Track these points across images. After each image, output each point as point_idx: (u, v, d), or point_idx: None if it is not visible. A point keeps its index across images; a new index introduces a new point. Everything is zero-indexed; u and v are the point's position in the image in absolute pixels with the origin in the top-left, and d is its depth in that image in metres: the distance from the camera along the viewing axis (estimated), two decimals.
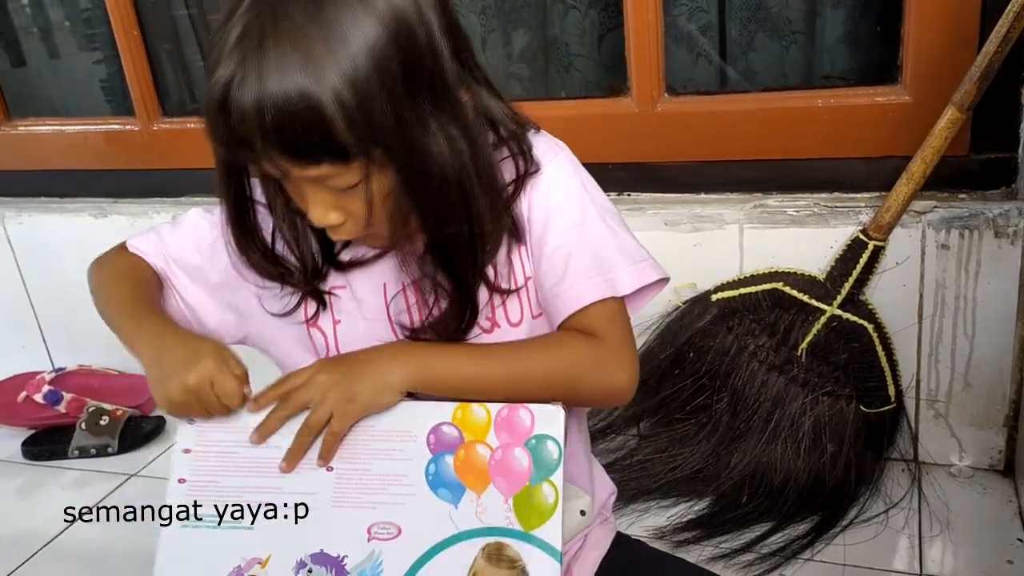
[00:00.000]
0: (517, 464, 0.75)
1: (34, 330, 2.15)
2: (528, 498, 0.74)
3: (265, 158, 0.68)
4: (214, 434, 0.78)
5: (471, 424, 0.76)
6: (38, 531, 1.64)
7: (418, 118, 0.69)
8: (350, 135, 0.66)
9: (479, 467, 0.75)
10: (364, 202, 0.71)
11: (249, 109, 0.65)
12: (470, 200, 0.74)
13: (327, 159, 0.67)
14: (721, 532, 1.44)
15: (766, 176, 1.53)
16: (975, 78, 1.30)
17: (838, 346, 1.47)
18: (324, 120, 0.65)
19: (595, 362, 0.79)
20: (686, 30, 1.68)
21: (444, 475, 0.75)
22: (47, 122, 2.06)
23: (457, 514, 0.75)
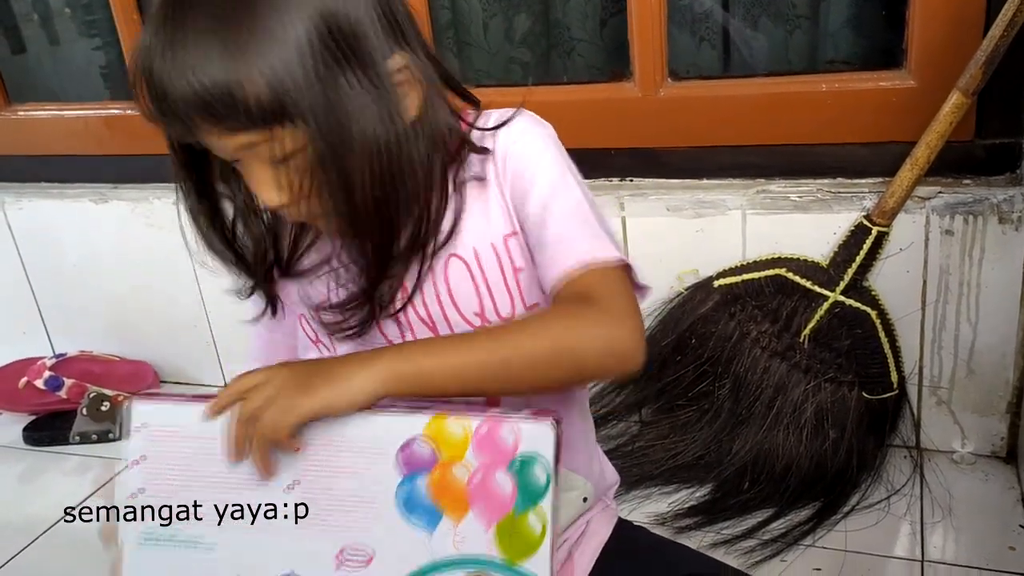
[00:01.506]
0: (499, 489, 0.66)
1: (35, 316, 2.15)
2: (512, 527, 0.66)
3: (195, 129, 0.68)
4: (166, 443, 0.71)
5: (446, 440, 0.67)
6: (39, 517, 1.64)
7: (343, 81, 0.68)
8: (262, 103, 0.65)
9: (456, 490, 0.67)
10: (299, 175, 0.70)
11: (168, 81, 0.65)
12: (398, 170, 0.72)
13: (245, 128, 0.67)
14: (723, 518, 1.44)
15: (769, 161, 1.52)
16: (980, 63, 1.29)
17: (841, 332, 1.46)
18: (240, 87, 0.64)
19: (595, 325, 0.73)
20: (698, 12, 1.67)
21: (417, 498, 0.67)
22: (47, 107, 2.05)
23: (433, 542, 0.67)
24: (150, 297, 1.99)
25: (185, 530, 0.71)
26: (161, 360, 2.07)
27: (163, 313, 2.01)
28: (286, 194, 0.71)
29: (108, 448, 1.87)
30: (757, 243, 1.52)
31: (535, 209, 0.78)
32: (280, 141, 0.68)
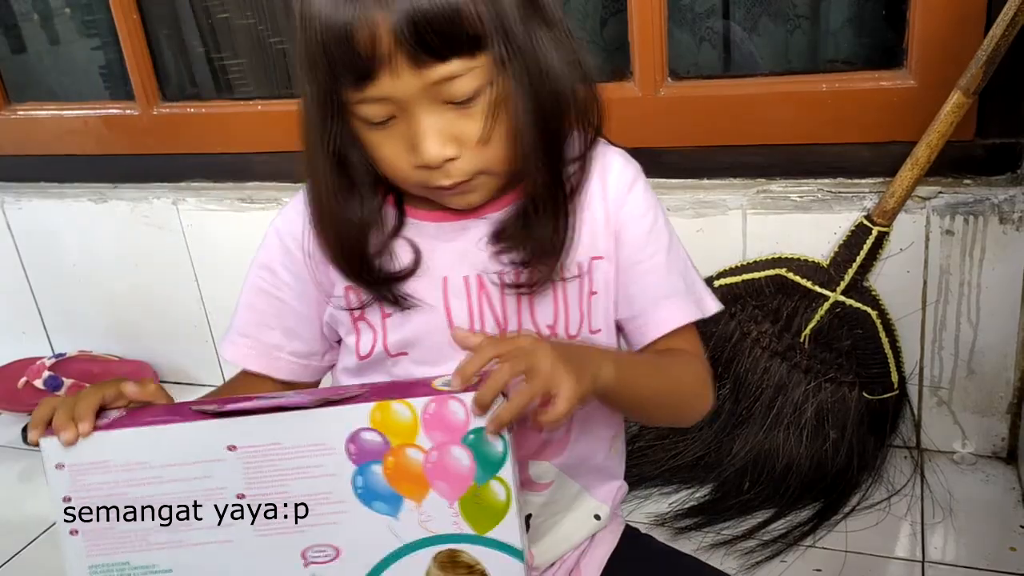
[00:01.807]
0: (456, 464, 0.65)
1: (34, 316, 2.14)
2: (476, 499, 0.66)
3: (387, 71, 0.67)
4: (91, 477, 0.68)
5: (394, 426, 0.66)
6: (39, 516, 1.64)
7: (535, 25, 0.71)
8: (481, 23, 0.66)
9: (413, 472, 0.66)
10: (481, 119, 0.70)
11: (390, 11, 0.64)
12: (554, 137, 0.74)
13: (458, 52, 0.67)
14: (723, 519, 1.44)
15: (770, 161, 1.52)
16: (981, 62, 1.29)
17: (841, 332, 1.46)
18: (462, 8, 0.65)
19: (705, 381, 0.82)
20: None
21: (375, 486, 0.66)
22: (47, 107, 2.04)
23: (399, 526, 0.67)
24: (149, 297, 1.99)
25: (136, 559, 0.69)
26: (160, 360, 2.07)
27: (162, 313, 2.00)
28: (454, 147, 0.71)
29: None
30: (757, 243, 1.52)
31: (642, 269, 0.81)
32: (476, 74, 0.68)
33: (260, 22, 1.96)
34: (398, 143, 0.72)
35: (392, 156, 0.73)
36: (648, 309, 0.81)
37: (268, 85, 2.03)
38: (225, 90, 2.05)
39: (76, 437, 0.67)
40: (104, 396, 0.70)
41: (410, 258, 0.79)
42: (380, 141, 0.73)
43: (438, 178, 0.73)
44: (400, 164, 0.73)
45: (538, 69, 0.71)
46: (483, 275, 0.79)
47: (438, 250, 0.80)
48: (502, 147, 0.73)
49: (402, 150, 0.72)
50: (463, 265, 0.79)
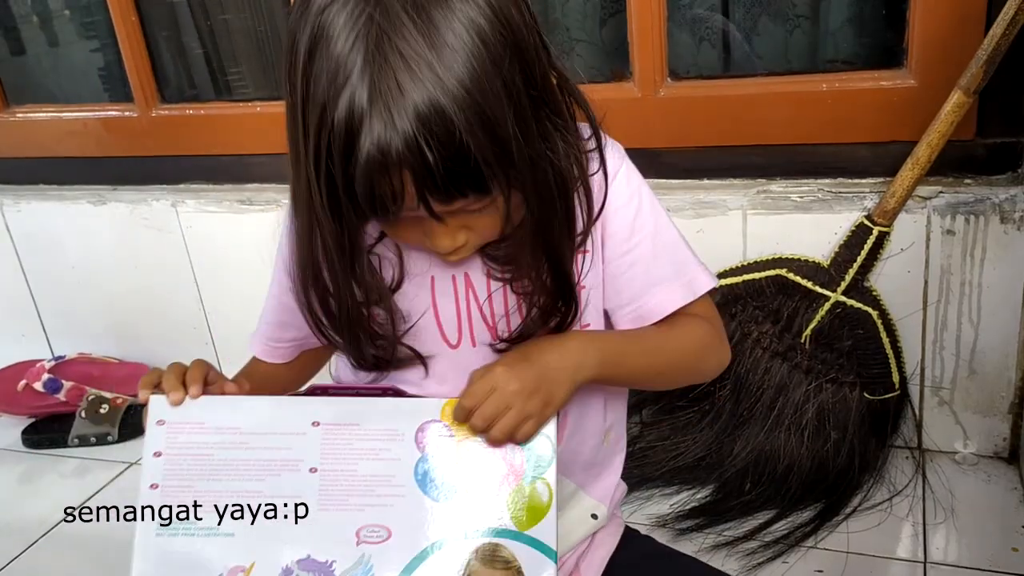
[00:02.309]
0: (509, 460, 0.72)
1: (33, 318, 2.14)
2: (521, 497, 0.71)
3: (410, 211, 0.65)
4: (186, 435, 0.74)
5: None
6: (38, 519, 1.63)
7: (539, 127, 0.69)
8: (489, 167, 0.64)
9: (471, 466, 0.72)
10: (493, 220, 0.70)
11: (402, 153, 0.61)
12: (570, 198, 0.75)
13: (473, 192, 0.65)
14: (724, 520, 1.43)
15: (770, 161, 1.52)
16: (982, 61, 1.29)
17: (842, 333, 1.46)
18: (471, 156, 0.63)
19: (717, 343, 0.85)
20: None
21: (435, 476, 0.72)
22: (46, 109, 2.04)
23: (449, 515, 0.72)
24: (149, 299, 1.99)
25: (204, 519, 0.74)
26: (160, 362, 2.04)
27: (162, 315, 2.00)
28: (465, 235, 0.71)
29: (107, 451, 1.86)
30: (758, 243, 1.52)
31: (627, 262, 0.81)
32: (493, 199, 0.67)
33: (259, 24, 1.96)
34: (413, 229, 0.72)
35: (406, 237, 0.75)
36: (638, 298, 0.81)
37: (267, 87, 2.03)
38: (224, 92, 2.05)
39: (183, 397, 0.75)
40: (205, 370, 0.78)
41: (394, 270, 0.79)
42: (393, 226, 0.73)
43: (447, 258, 0.75)
44: (412, 242, 0.75)
45: (545, 177, 0.70)
46: (469, 273, 0.79)
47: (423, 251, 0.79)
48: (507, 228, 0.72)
49: (416, 234, 0.72)
50: (450, 264, 0.79)
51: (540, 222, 0.71)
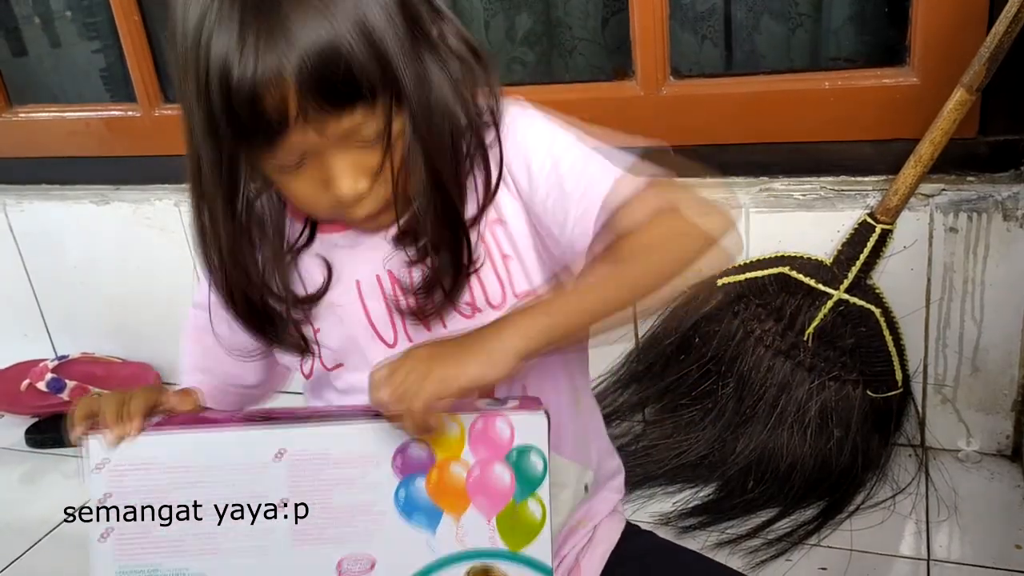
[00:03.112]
0: (498, 481, 0.67)
1: (36, 318, 2.14)
2: (512, 516, 0.67)
3: (296, 127, 0.66)
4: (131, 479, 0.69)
5: (442, 440, 0.67)
6: (42, 519, 1.63)
7: (416, 50, 0.70)
8: (370, 70, 0.66)
9: (456, 488, 0.67)
10: (384, 153, 0.70)
11: (284, 71, 0.63)
12: (458, 140, 0.73)
13: (359, 103, 0.66)
14: (727, 518, 1.44)
15: (772, 160, 1.52)
16: (984, 59, 1.29)
17: (845, 331, 1.46)
18: (353, 59, 0.65)
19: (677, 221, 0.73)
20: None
21: (417, 500, 0.67)
22: (48, 109, 2.05)
23: (435, 540, 0.68)
24: (152, 298, 1.99)
25: (167, 564, 0.69)
26: (163, 361, 2.07)
27: (165, 314, 2.00)
28: (367, 180, 0.71)
29: None
30: (761, 241, 1.52)
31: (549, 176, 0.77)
32: (378, 118, 0.68)
33: None
34: (311, 183, 0.72)
35: (306, 195, 0.73)
36: (571, 211, 0.75)
37: None
38: None
39: (121, 437, 0.68)
40: (150, 400, 0.71)
41: (322, 276, 0.80)
42: (291, 182, 0.72)
43: (353, 212, 0.73)
44: (315, 201, 0.73)
45: (428, 104, 0.70)
46: (393, 271, 0.79)
47: (346, 256, 0.80)
48: (408, 174, 0.72)
49: (316, 188, 0.72)
50: (372, 264, 0.79)
51: (427, 150, 0.71)
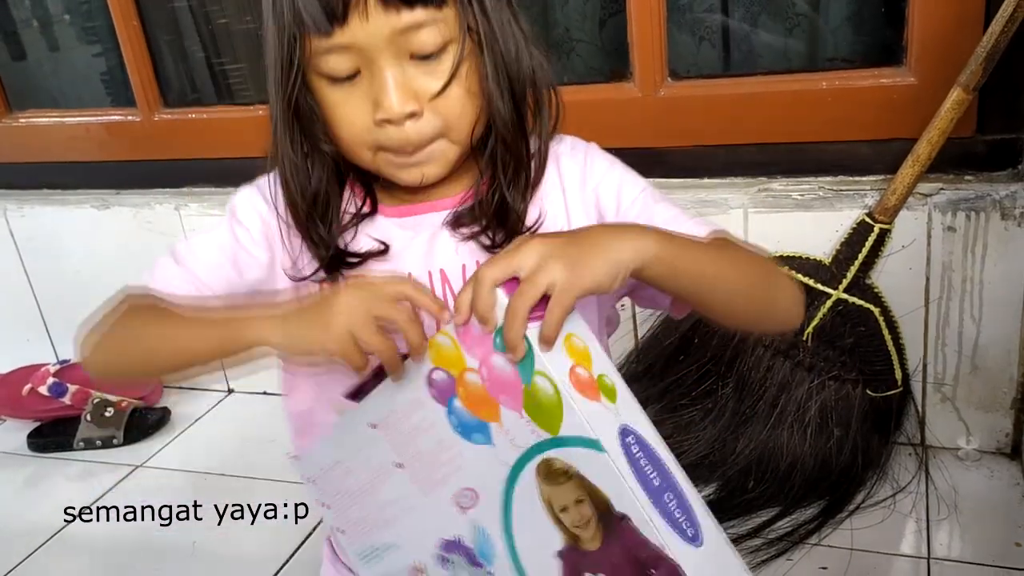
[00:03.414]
0: (502, 372, 0.64)
1: (38, 322, 2.15)
2: (535, 402, 0.63)
3: (357, 12, 0.67)
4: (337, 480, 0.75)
5: (447, 358, 0.66)
6: (44, 523, 1.63)
7: (504, 7, 0.73)
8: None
9: (482, 395, 0.65)
10: (442, 76, 0.71)
11: None
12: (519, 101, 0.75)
13: (428, 3, 0.68)
14: (728, 517, 1.44)
15: (771, 160, 1.52)
16: (981, 59, 1.29)
17: (844, 330, 1.46)
18: None
19: (779, 269, 0.78)
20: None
21: (465, 419, 0.67)
22: (48, 114, 2.05)
23: (499, 451, 0.66)
24: None
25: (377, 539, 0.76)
26: None
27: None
28: (416, 103, 0.71)
29: (112, 454, 1.87)
30: (759, 242, 1.47)
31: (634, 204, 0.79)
32: (442, 27, 0.69)
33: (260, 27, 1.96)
34: (360, 100, 0.72)
35: (352, 114, 0.73)
36: None
37: None
38: (226, 95, 2.06)
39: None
40: None
41: (376, 247, 0.80)
42: (342, 99, 0.73)
43: (397, 137, 0.72)
44: (360, 122, 0.73)
45: (503, 42, 0.73)
46: (445, 270, 0.79)
47: (402, 247, 0.80)
48: (464, 110, 0.73)
49: (364, 108, 0.72)
50: (427, 261, 0.80)
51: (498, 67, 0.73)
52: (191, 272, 0.81)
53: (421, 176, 0.76)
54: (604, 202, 0.81)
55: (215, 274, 0.81)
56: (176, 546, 1.49)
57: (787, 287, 0.77)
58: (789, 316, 0.77)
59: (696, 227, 0.77)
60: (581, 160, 0.82)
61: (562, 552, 0.67)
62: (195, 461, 1.76)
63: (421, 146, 0.74)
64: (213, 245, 0.82)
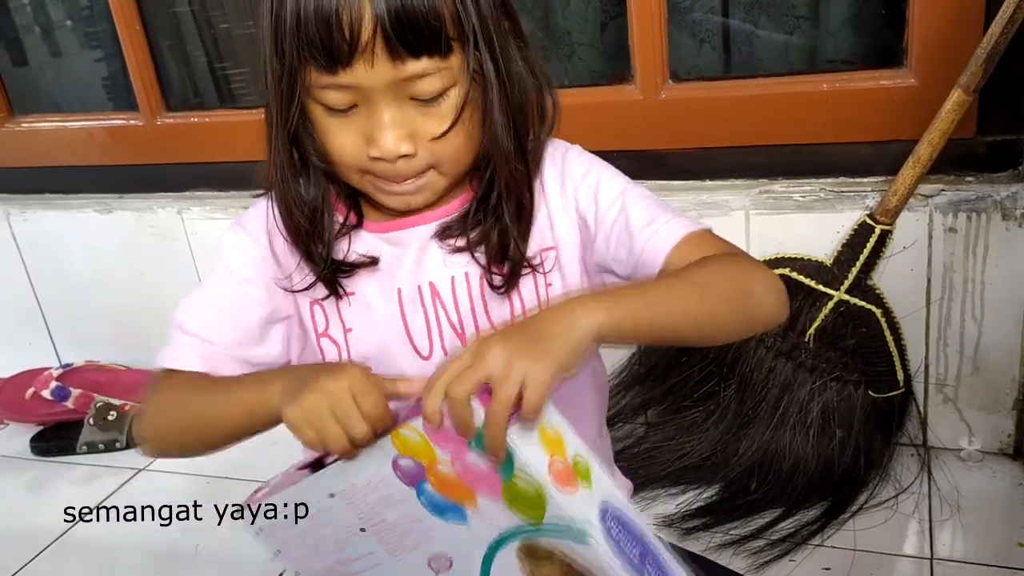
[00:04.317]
0: (478, 468, 0.64)
1: (40, 326, 2.15)
2: (514, 494, 0.64)
3: (363, 60, 0.67)
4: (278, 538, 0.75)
5: (414, 449, 0.65)
6: (47, 527, 1.64)
7: (507, 35, 0.73)
8: (459, 26, 0.68)
9: (454, 483, 0.65)
10: (441, 118, 0.72)
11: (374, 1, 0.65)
12: (523, 137, 0.76)
13: (432, 52, 0.68)
14: (730, 519, 1.44)
15: (772, 162, 1.52)
16: (981, 60, 1.29)
17: (846, 331, 1.46)
18: (441, 8, 0.67)
19: (758, 268, 0.76)
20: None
21: (436, 500, 0.67)
22: (51, 119, 2.06)
23: (473, 531, 0.67)
24: (155, 305, 1.99)
25: None
26: None
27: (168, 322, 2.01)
28: (410, 144, 0.72)
29: (115, 458, 1.87)
30: (761, 243, 1.52)
31: (612, 207, 0.80)
32: (444, 75, 0.70)
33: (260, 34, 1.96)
34: (355, 133, 0.73)
35: (347, 145, 0.73)
36: (638, 243, 0.77)
37: None
38: (228, 99, 2.06)
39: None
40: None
41: (366, 260, 0.81)
42: (336, 128, 0.73)
43: (388, 169, 0.73)
44: (352, 153, 0.74)
45: (508, 78, 0.73)
46: (434, 283, 0.80)
47: (390, 260, 0.81)
48: (458, 148, 0.74)
49: (358, 140, 0.73)
50: (416, 274, 0.80)
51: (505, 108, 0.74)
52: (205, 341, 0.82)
53: (407, 204, 0.78)
54: (583, 206, 0.81)
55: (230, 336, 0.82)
56: (179, 549, 1.50)
57: (764, 287, 0.75)
58: (770, 315, 0.77)
59: (677, 227, 0.77)
60: (559, 165, 0.82)
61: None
62: (197, 464, 1.75)
63: (410, 177, 0.75)
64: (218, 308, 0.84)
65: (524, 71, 0.75)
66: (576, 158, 0.83)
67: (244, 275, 0.83)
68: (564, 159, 0.82)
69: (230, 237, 0.85)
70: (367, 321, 0.82)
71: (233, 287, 0.83)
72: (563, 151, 0.83)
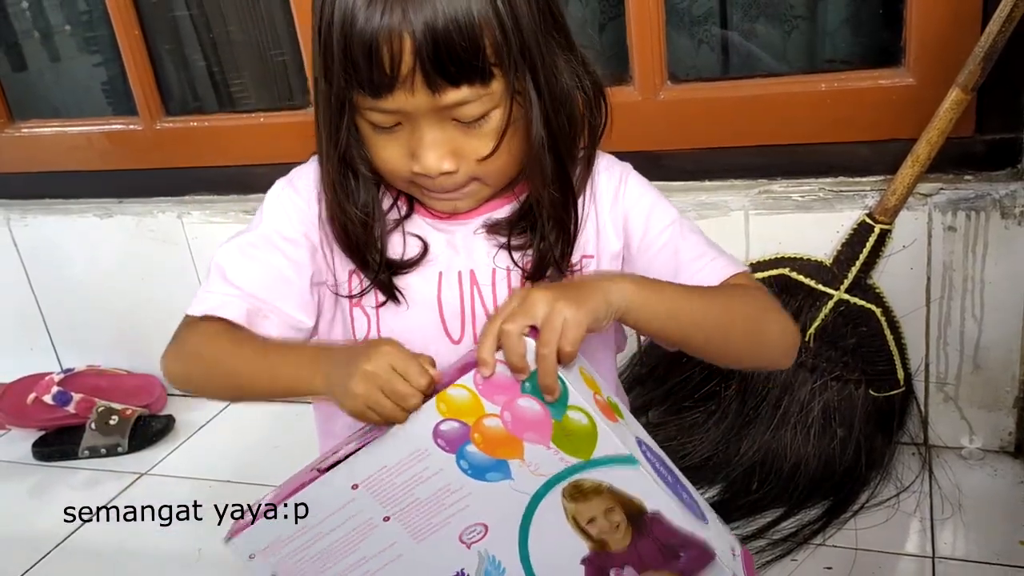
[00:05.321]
0: (530, 413, 0.68)
1: (42, 332, 2.15)
2: (564, 433, 0.68)
3: (403, 89, 0.68)
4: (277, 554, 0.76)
5: (461, 408, 0.69)
6: (49, 532, 1.64)
7: (551, 50, 0.73)
8: (501, 56, 0.68)
9: (502, 437, 0.69)
10: (483, 138, 0.73)
11: (406, 29, 0.66)
12: (572, 153, 0.78)
13: (471, 81, 0.69)
14: (732, 519, 1.44)
15: (770, 162, 1.53)
16: (979, 59, 1.29)
17: (846, 331, 1.46)
18: (481, 38, 0.67)
19: (781, 312, 0.81)
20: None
21: (479, 462, 0.70)
22: (50, 124, 2.06)
23: (518, 484, 0.70)
24: (156, 310, 1.99)
25: None
26: None
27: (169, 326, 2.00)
28: (452, 162, 0.73)
29: (117, 462, 1.87)
30: (760, 243, 1.52)
31: (662, 234, 0.83)
32: (485, 100, 0.71)
33: (261, 36, 1.97)
34: (400, 148, 0.75)
35: (391, 159, 0.76)
36: (683, 276, 0.81)
37: (270, 98, 2.04)
38: (227, 103, 2.06)
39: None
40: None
41: (417, 250, 0.82)
42: (382, 144, 0.75)
43: (431, 185, 0.76)
44: (397, 167, 0.76)
45: (551, 95, 0.74)
46: (475, 271, 0.82)
47: (437, 246, 0.83)
48: (500, 166, 0.76)
49: (402, 155, 0.75)
50: (459, 260, 0.82)
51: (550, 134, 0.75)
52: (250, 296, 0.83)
53: (454, 208, 0.80)
54: (632, 225, 0.83)
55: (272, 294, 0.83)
56: (182, 554, 1.50)
57: (780, 332, 0.81)
58: (775, 359, 0.83)
59: (723, 266, 0.81)
60: (617, 180, 0.84)
61: (586, 558, 0.72)
62: (200, 468, 1.77)
63: (453, 190, 0.77)
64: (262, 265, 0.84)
65: (571, 83, 0.77)
66: (636, 180, 0.86)
67: (291, 235, 0.84)
68: (623, 178, 0.85)
69: (281, 194, 0.87)
70: (403, 299, 0.83)
71: (280, 245, 0.84)
72: (626, 171, 0.86)
